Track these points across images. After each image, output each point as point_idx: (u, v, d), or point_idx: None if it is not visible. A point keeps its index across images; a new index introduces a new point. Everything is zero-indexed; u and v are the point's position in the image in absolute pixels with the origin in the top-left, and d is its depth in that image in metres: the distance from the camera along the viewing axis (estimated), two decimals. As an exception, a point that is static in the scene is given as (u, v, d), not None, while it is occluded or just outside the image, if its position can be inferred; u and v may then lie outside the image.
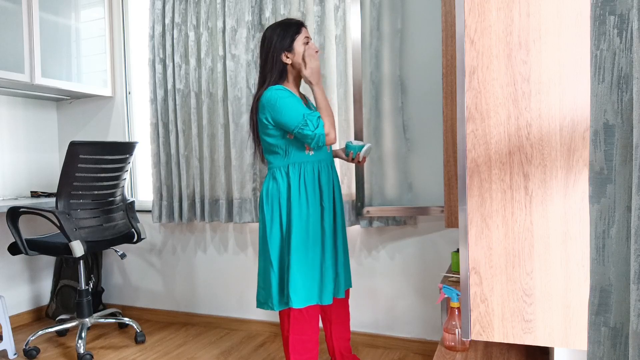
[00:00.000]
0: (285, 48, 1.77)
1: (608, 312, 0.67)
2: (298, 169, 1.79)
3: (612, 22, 0.65)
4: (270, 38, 1.79)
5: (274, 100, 1.72)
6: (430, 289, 2.35)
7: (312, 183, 1.80)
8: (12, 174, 2.97)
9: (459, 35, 0.94)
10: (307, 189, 1.79)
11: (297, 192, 1.78)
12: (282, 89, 1.75)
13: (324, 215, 1.82)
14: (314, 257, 1.80)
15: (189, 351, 2.50)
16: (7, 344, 2.40)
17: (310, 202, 1.79)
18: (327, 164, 1.88)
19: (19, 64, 2.56)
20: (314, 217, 1.80)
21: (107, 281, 3.17)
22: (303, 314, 1.79)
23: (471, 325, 0.96)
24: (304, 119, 1.69)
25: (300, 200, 1.78)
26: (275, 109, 1.72)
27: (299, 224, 1.77)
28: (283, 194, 1.79)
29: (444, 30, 1.53)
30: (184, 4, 2.67)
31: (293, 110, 1.70)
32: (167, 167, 2.78)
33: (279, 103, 1.71)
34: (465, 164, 0.95)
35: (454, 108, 1.51)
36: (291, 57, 1.79)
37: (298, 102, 1.74)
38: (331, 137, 1.71)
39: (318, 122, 1.70)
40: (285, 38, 1.77)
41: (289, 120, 1.71)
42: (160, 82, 2.73)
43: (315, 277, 1.79)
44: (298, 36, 1.78)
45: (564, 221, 0.90)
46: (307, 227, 1.78)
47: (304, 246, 1.78)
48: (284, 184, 1.79)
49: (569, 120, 0.88)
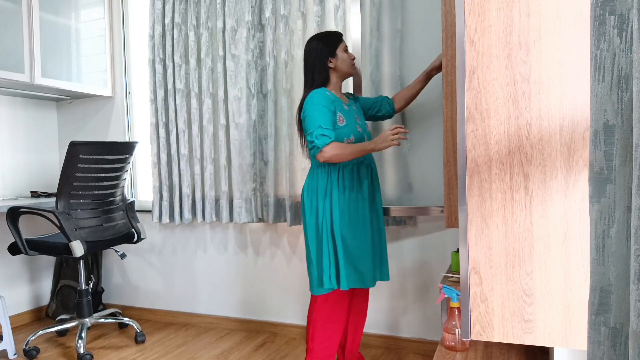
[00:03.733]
0: (330, 54, 1.96)
1: (608, 312, 0.67)
2: (337, 166, 1.91)
3: (612, 22, 0.65)
4: (316, 46, 1.97)
5: (308, 102, 1.89)
6: (430, 289, 2.35)
7: (351, 178, 1.92)
8: (12, 174, 2.97)
9: (459, 35, 0.94)
10: (346, 183, 1.91)
11: (336, 186, 1.90)
12: (321, 95, 1.88)
13: (364, 207, 1.93)
14: (352, 246, 1.89)
15: (189, 351, 2.50)
16: (7, 344, 2.40)
17: (350, 196, 1.90)
18: (367, 162, 1.99)
19: (19, 64, 2.56)
20: (355, 208, 1.91)
21: (107, 281, 3.17)
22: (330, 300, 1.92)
23: (471, 325, 0.96)
24: (315, 129, 1.83)
25: (339, 194, 1.90)
26: (306, 109, 1.88)
27: (340, 215, 1.88)
28: (321, 188, 1.91)
29: (444, 30, 1.53)
30: (184, 4, 2.67)
31: (316, 117, 1.84)
32: (167, 167, 2.78)
33: (309, 107, 1.87)
34: (465, 164, 0.95)
35: (454, 108, 1.51)
36: (334, 62, 1.96)
37: (325, 113, 1.85)
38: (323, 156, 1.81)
39: (322, 139, 1.81)
40: (329, 45, 1.96)
41: (308, 124, 1.86)
42: (160, 82, 2.73)
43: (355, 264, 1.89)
44: (340, 44, 1.98)
45: (564, 221, 0.90)
46: (349, 217, 1.89)
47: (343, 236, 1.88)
48: (324, 178, 1.91)
49: (569, 120, 0.88)
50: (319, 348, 1.93)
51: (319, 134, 1.82)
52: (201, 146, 2.69)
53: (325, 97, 1.88)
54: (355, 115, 1.98)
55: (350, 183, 1.91)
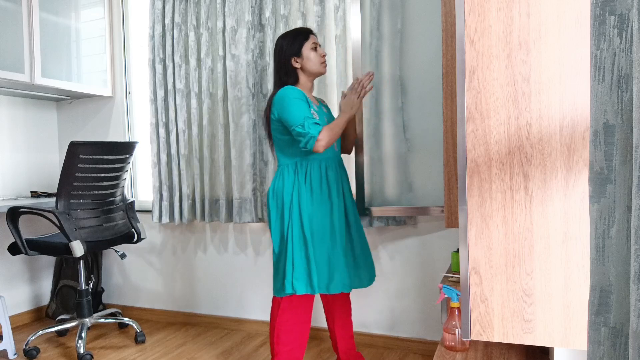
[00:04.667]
0: (294, 54, 1.90)
1: (608, 312, 0.67)
2: (305, 167, 1.87)
3: (612, 22, 0.65)
4: (281, 45, 1.92)
5: (282, 98, 1.83)
6: (430, 289, 2.35)
7: (319, 179, 1.87)
8: (12, 174, 2.97)
9: (459, 35, 0.94)
10: (313, 185, 1.86)
11: (304, 187, 1.85)
12: (294, 89, 1.84)
13: (332, 210, 1.87)
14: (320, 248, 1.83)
15: (189, 351, 2.50)
16: (7, 344, 2.40)
17: (316, 198, 1.85)
18: (335, 162, 1.94)
19: (19, 64, 2.56)
20: (320, 212, 1.85)
21: (107, 281, 3.17)
22: (294, 302, 1.87)
23: (471, 325, 0.96)
24: (303, 120, 1.77)
25: (305, 195, 1.84)
26: (282, 106, 1.82)
27: (304, 217, 1.83)
28: (288, 190, 1.86)
29: (444, 30, 1.53)
30: (184, 4, 2.67)
31: (296, 110, 1.79)
32: (167, 167, 2.78)
33: (286, 101, 1.81)
34: (465, 164, 0.95)
35: (454, 108, 1.51)
36: (300, 61, 1.90)
37: (304, 105, 1.82)
38: (321, 144, 1.77)
39: (315, 127, 1.77)
40: (294, 44, 1.90)
41: (290, 118, 1.79)
42: (160, 82, 2.73)
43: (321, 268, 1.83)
44: (306, 42, 1.91)
45: (564, 221, 0.90)
46: (311, 220, 1.83)
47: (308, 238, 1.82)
48: (290, 180, 1.87)
49: (569, 120, 0.88)
50: (285, 350, 1.88)
51: (310, 124, 1.76)
52: (201, 146, 2.69)
53: (298, 91, 1.84)
54: (325, 119, 1.93)
55: (318, 185, 1.85)
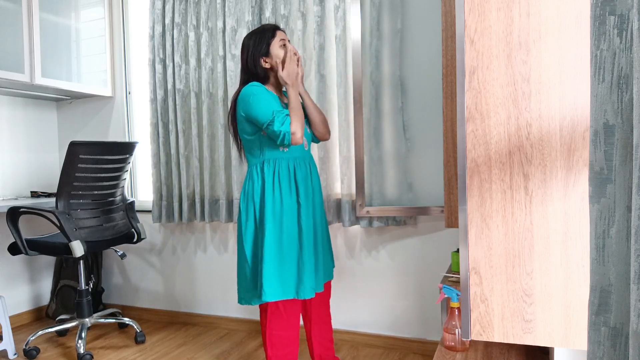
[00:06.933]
0: (263, 53, 1.82)
1: (608, 312, 0.67)
2: (272, 166, 1.80)
3: (612, 22, 0.65)
4: (247, 45, 1.84)
5: (248, 95, 1.75)
6: (430, 289, 2.35)
7: (287, 179, 1.81)
8: (12, 174, 2.97)
9: (459, 35, 0.94)
10: (282, 185, 1.80)
11: (271, 188, 1.79)
12: (258, 86, 1.78)
13: (300, 211, 1.82)
14: (290, 252, 1.79)
15: (189, 351, 2.50)
16: (7, 344, 2.40)
17: (285, 199, 1.80)
18: (304, 160, 1.88)
19: (19, 64, 2.56)
20: (288, 213, 1.80)
21: (107, 281, 3.17)
22: (280, 308, 1.82)
23: (471, 325, 0.96)
24: (273, 115, 1.71)
25: (273, 196, 1.79)
26: (248, 103, 1.75)
27: (272, 220, 1.78)
28: (257, 191, 1.81)
29: (444, 30, 1.53)
30: (184, 4, 2.67)
31: (264, 106, 1.73)
32: (167, 167, 2.78)
33: (252, 98, 1.74)
34: (465, 164, 0.95)
35: (454, 108, 1.51)
36: (269, 61, 1.83)
37: (271, 99, 1.76)
38: (297, 137, 1.72)
39: (285, 119, 1.71)
40: (261, 43, 1.81)
41: (259, 115, 1.73)
42: (160, 82, 2.73)
43: (291, 272, 1.79)
44: (273, 40, 1.82)
45: (564, 221, 0.90)
46: (280, 223, 1.79)
47: (278, 241, 1.78)
48: (259, 181, 1.81)
49: (569, 120, 0.88)
50: (279, 355, 1.84)
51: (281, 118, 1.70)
52: (201, 146, 2.69)
53: (263, 88, 1.78)
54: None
55: (287, 186, 1.80)
